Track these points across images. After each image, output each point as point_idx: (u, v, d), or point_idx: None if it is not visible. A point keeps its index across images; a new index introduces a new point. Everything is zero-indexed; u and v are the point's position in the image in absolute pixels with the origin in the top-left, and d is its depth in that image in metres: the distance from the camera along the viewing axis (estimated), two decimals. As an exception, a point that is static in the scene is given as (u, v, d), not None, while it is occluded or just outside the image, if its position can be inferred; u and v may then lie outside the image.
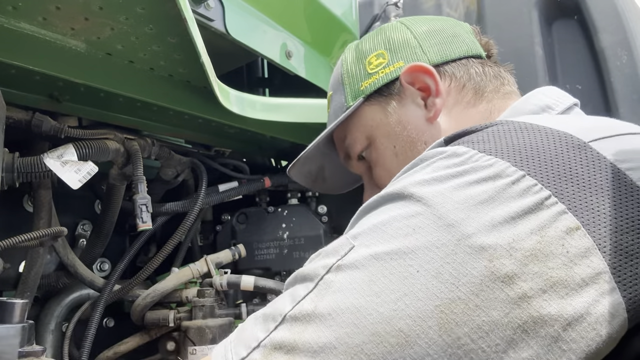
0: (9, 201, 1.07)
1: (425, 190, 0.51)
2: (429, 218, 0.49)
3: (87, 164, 0.93)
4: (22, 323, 0.67)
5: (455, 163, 0.52)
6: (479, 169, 0.50)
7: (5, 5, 0.74)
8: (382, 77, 0.84)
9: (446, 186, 0.50)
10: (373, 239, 0.51)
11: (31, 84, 0.89)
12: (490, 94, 0.81)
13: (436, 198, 0.50)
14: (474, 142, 0.54)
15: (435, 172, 0.52)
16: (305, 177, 1.06)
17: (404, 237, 0.49)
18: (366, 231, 0.53)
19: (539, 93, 0.73)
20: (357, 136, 0.88)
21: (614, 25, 1.33)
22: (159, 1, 0.77)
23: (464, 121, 0.79)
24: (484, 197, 0.49)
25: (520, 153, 0.51)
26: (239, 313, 1.20)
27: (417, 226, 0.49)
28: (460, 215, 0.48)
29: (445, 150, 0.55)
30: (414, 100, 0.82)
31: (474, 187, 0.49)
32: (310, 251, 1.36)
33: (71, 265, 1.08)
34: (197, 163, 1.28)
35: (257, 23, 1.26)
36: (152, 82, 1.00)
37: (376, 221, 0.53)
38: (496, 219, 0.47)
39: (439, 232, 0.48)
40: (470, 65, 0.82)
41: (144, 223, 1.00)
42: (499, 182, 0.49)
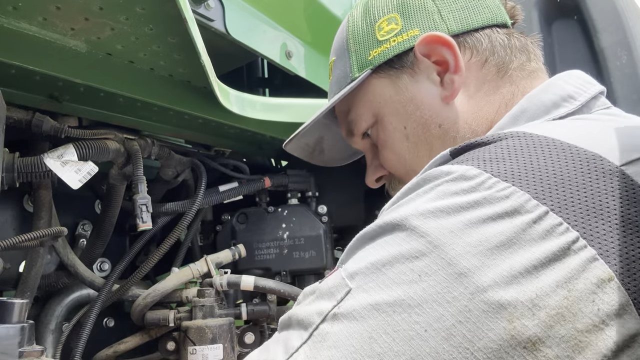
0: (9, 201, 1.07)
1: (431, 224, 0.44)
2: (437, 263, 0.43)
3: (87, 164, 0.93)
4: (22, 323, 0.68)
5: (464, 189, 0.45)
6: (494, 200, 0.44)
7: (5, 5, 0.74)
8: (394, 47, 0.73)
9: (455, 221, 0.44)
10: (372, 283, 0.45)
11: (31, 84, 0.89)
12: (515, 72, 0.70)
13: (444, 237, 0.43)
14: (486, 160, 0.47)
15: (442, 200, 0.46)
16: (302, 150, 0.97)
17: (409, 284, 0.43)
18: (364, 271, 0.47)
19: (560, 80, 0.63)
20: (362, 112, 0.79)
21: (614, 25, 1.33)
22: (159, 1, 0.77)
23: (485, 106, 0.69)
24: (501, 239, 0.42)
25: (542, 181, 0.44)
26: (239, 313, 1.20)
27: (423, 272, 0.43)
28: (473, 262, 0.41)
29: (452, 170, 0.48)
30: (429, 75, 0.71)
31: (489, 225, 0.42)
32: (310, 251, 1.37)
33: (71, 265, 1.08)
34: (197, 163, 1.28)
35: (257, 23, 1.26)
36: (152, 82, 1.00)
37: (375, 258, 0.47)
38: (516, 268, 0.40)
39: (450, 282, 0.41)
40: (495, 37, 0.71)
41: (144, 223, 1.00)
42: (518, 220, 0.42)
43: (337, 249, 1.51)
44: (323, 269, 1.38)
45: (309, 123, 0.84)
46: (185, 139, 1.33)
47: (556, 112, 0.60)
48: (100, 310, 1.12)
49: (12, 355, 0.65)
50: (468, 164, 0.48)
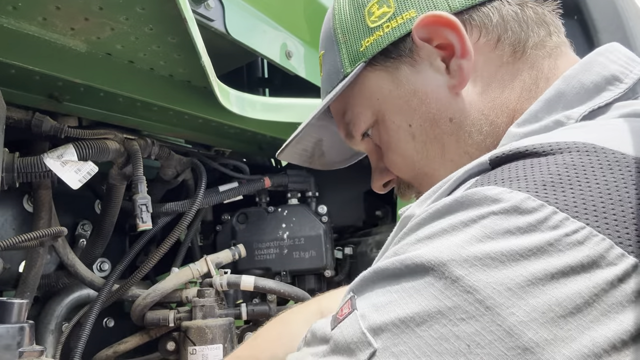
0: (9, 201, 1.07)
1: (480, 276, 0.34)
2: (492, 331, 0.33)
3: (87, 164, 0.93)
4: (22, 323, 0.68)
5: (521, 228, 0.35)
6: (565, 248, 0.33)
7: (5, 5, 0.74)
8: (388, 34, 0.62)
9: (513, 275, 0.33)
10: (405, 347, 0.35)
11: (31, 84, 0.89)
12: (534, 50, 0.59)
13: (499, 296, 0.33)
14: (547, 185, 0.36)
15: (491, 242, 0.35)
16: (300, 156, 0.86)
17: (454, 356, 0.33)
18: (392, 328, 0.37)
19: (601, 56, 0.52)
20: (359, 111, 0.68)
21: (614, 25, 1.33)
22: (159, 1, 0.77)
23: (503, 93, 0.59)
24: (578, 303, 0.32)
25: (624, 218, 0.33)
26: (239, 313, 1.20)
27: (473, 341, 0.33)
28: (542, 334, 0.31)
29: (501, 197, 0.37)
30: (432, 63, 0.60)
31: (560, 283, 0.32)
32: (310, 251, 1.37)
33: (71, 265, 1.08)
34: (197, 163, 1.28)
35: (257, 23, 1.26)
36: (152, 82, 1.00)
37: (405, 313, 0.37)
38: (600, 344, 0.31)
39: (509, 357, 0.32)
40: (506, 9, 0.59)
41: (144, 223, 1.00)
42: (600, 277, 0.32)
43: (337, 249, 1.51)
44: (323, 268, 1.38)
45: (300, 130, 0.75)
46: (185, 139, 1.34)
47: (598, 98, 0.49)
48: (100, 311, 1.12)
49: (12, 356, 0.65)
50: (522, 187, 0.37)
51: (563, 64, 0.58)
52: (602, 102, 0.48)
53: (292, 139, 0.77)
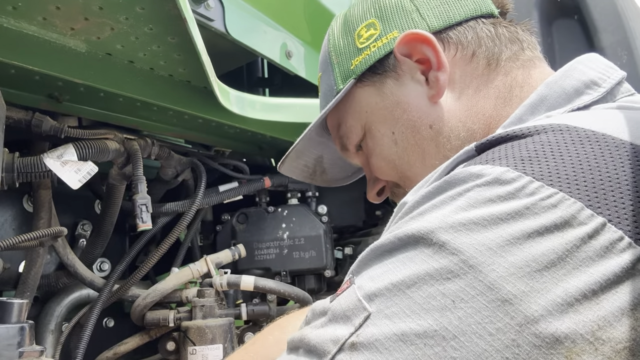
0: (9, 201, 1.07)
1: (464, 239, 0.38)
2: (475, 286, 0.36)
3: (87, 164, 0.93)
4: (21, 323, 0.67)
5: (501, 196, 0.39)
6: (539, 210, 0.37)
7: (5, 5, 0.74)
8: (375, 52, 0.69)
9: (494, 236, 0.37)
10: (396, 308, 0.39)
11: (31, 84, 0.89)
12: (508, 62, 0.65)
13: (481, 255, 0.37)
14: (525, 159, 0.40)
15: (475, 209, 0.39)
16: (302, 172, 0.91)
17: (441, 312, 0.37)
18: (385, 292, 0.40)
19: (580, 64, 0.57)
20: (351, 124, 0.75)
21: (614, 25, 1.33)
22: (159, 1, 0.77)
23: (479, 102, 0.65)
24: (552, 258, 0.35)
25: (594, 185, 0.37)
26: (239, 313, 1.20)
27: (457, 297, 0.37)
28: (520, 287, 0.35)
29: (484, 172, 0.41)
30: (412, 76, 0.67)
31: (536, 241, 0.36)
32: (310, 251, 1.37)
33: (71, 265, 1.08)
34: (197, 163, 1.28)
35: (257, 23, 1.26)
36: (152, 82, 1.00)
37: (397, 278, 0.40)
38: (572, 294, 0.34)
39: (492, 310, 0.35)
40: (480, 28, 0.66)
41: (143, 223, 1.00)
42: (570, 235, 0.36)
43: (337, 249, 1.51)
44: (323, 268, 1.38)
45: (299, 141, 0.80)
46: (185, 139, 1.34)
47: (579, 100, 0.53)
48: (100, 311, 1.12)
49: (12, 356, 0.65)
50: (502, 163, 0.41)
51: (537, 74, 0.64)
52: (581, 103, 0.53)
53: (290, 151, 0.83)
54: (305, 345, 0.45)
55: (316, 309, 0.48)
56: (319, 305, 0.48)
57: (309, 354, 0.44)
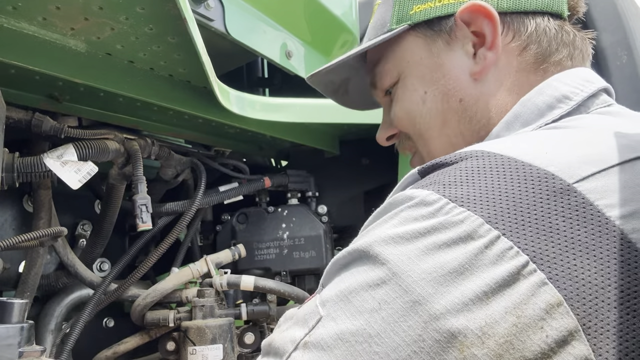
0: (9, 201, 1.07)
1: (391, 251, 0.45)
2: (395, 290, 0.43)
3: (87, 164, 0.93)
4: (22, 323, 0.68)
5: (423, 215, 0.46)
6: (449, 226, 0.43)
7: (5, 5, 0.74)
8: (438, 8, 0.69)
9: (413, 248, 0.44)
10: (339, 311, 0.46)
11: (31, 84, 0.89)
12: (551, 66, 0.66)
13: (402, 264, 0.43)
14: (446, 184, 0.47)
15: (403, 226, 0.46)
16: (326, 86, 0.92)
17: (370, 313, 0.43)
18: (333, 299, 0.47)
19: (555, 80, 0.61)
20: (389, 68, 0.76)
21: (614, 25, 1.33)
22: (159, 1, 0.77)
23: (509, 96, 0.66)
24: (454, 265, 0.42)
25: (494, 204, 0.43)
26: (239, 313, 1.20)
27: (382, 300, 0.43)
28: (427, 289, 0.41)
29: (414, 195, 0.48)
30: (463, 45, 0.68)
31: (443, 251, 0.42)
32: (310, 251, 1.37)
33: (71, 265, 1.08)
34: (197, 163, 1.28)
35: (257, 23, 1.26)
36: (152, 82, 1.00)
37: (343, 286, 0.47)
38: (467, 295, 0.40)
39: (406, 310, 0.42)
40: (544, 25, 0.66)
41: (144, 223, 1.00)
42: (471, 246, 0.42)
43: (337, 249, 1.51)
44: (323, 268, 1.38)
45: (336, 62, 0.81)
46: (185, 139, 1.33)
47: (550, 114, 0.58)
48: (97, 310, 1.12)
49: (12, 356, 0.65)
50: (429, 188, 0.48)
51: None
52: (552, 118, 0.58)
53: (324, 68, 0.83)
54: (272, 348, 0.51)
55: (287, 315, 0.55)
56: (289, 312, 0.55)
57: (272, 355, 0.50)
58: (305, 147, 1.45)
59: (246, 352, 1.21)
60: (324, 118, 1.32)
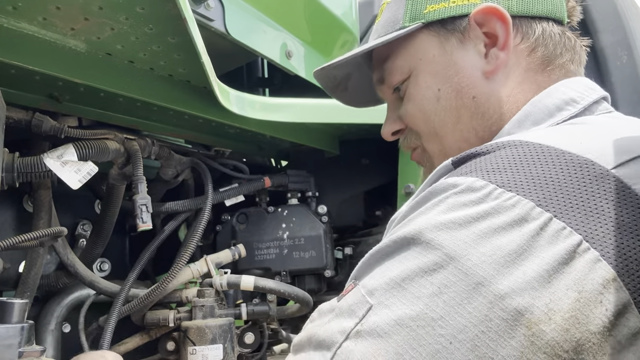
0: (9, 201, 1.07)
1: (445, 236, 0.46)
2: (455, 274, 0.44)
3: (87, 164, 0.93)
4: (22, 323, 0.67)
5: (472, 201, 0.47)
6: (502, 210, 0.45)
7: (5, 5, 0.74)
8: (452, 8, 0.72)
9: (468, 233, 0.45)
10: (394, 299, 0.46)
11: (31, 84, 0.89)
12: (556, 69, 0.71)
13: (459, 248, 0.45)
14: (490, 171, 0.49)
15: (452, 212, 0.47)
16: (327, 82, 0.93)
17: (430, 297, 0.44)
18: (384, 287, 0.47)
19: (563, 86, 0.66)
20: (400, 64, 0.77)
21: (614, 25, 1.33)
22: (159, 1, 0.77)
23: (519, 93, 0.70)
24: (512, 247, 0.43)
25: (542, 188, 0.46)
26: (239, 313, 1.20)
27: (442, 284, 0.44)
28: (489, 271, 0.43)
29: (459, 182, 0.49)
30: (476, 45, 0.71)
31: (500, 235, 0.44)
32: (310, 251, 1.37)
33: (71, 265, 1.08)
34: (198, 162, 1.28)
35: (257, 23, 1.26)
36: (152, 82, 1.00)
37: (393, 274, 0.47)
38: (529, 274, 0.42)
39: (469, 292, 0.43)
40: (550, 29, 0.70)
41: (144, 223, 1.00)
42: (526, 228, 0.44)
43: (337, 249, 1.51)
44: (323, 268, 1.38)
45: (345, 57, 0.82)
46: (185, 139, 1.33)
47: (559, 115, 0.63)
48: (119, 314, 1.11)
49: (12, 356, 0.65)
50: (473, 175, 0.50)
51: None
52: (561, 118, 0.62)
53: (335, 62, 0.84)
54: (314, 341, 0.50)
55: (323, 309, 0.54)
56: (325, 305, 0.54)
57: (318, 348, 0.49)
58: (305, 147, 1.45)
59: (246, 352, 1.21)
60: (324, 118, 1.31)
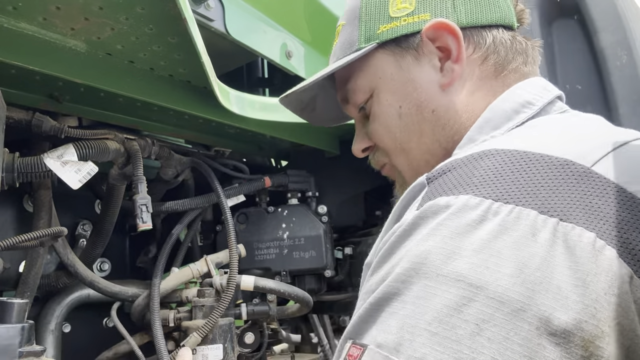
0: (9, 201, 1.07)
1: (461, 265, 0.41)
2: (489, 305, 0.39)
3: (87, 164, 0.93)
4: (22, 323, 0.68)
5: (474, 220, 0.43)
6: (509, 225, 0.42)
7: (5, 5, 0.74)
8: (404, 27, 0.73)
9: (485, 256, 0.41)
10: (427, 348, 0.39)
11: (31, 84, 0.89)
12: (510, 73, 0.72)
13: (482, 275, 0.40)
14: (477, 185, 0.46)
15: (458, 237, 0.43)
16: (295, 105, 0.94)
17: (471, 338, 0.39)
18: (408, 338, 0.41)
19: (519, 89, 0.68)
20: (361, 84, 0.79)
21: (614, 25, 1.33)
22: (159, 1, 0.77)
23: (477, 102, 0.71)
24: (536, 262, 0.40)
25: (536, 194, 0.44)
26: (239, 313, 1.20)
27: (478, 319, 0.39)
28: (523, 293, 0.39)
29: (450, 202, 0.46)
30: (430, 60, 0.72)
31: (518, 251, 0.41)
32: (310, 251, 1.37)
33: (71, 265, 1.08)
34: (198, 162, 1.28)
35: (257, 23, 1.26)
36: (152, 82, 1.00)
37: (414, 320, 0.41)
38: (566, 287, 0.39)
39: (511, 322, 0.38)
40: (500, 37, 0.72)
41: (144, 223, 1.00)
42: (541, 239, 0.41)
43: (337, 249, 1.51)
44: (323, 268, 1.38)
45: (308, 83, 0.83)
46: (185, 139, 1.34)
47: (517, 118, 0.64)
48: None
49: (12, 355, 0.65)
50: (462, 192, 0.46)
51: None
52: (519, 121, 0.64)
53: (299, 88, 0.84)
54: None
55: None
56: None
57: None
58: (305, 147, 1.45)
59: (246, 352, 1.21)
60: (324, 118, 1.31)
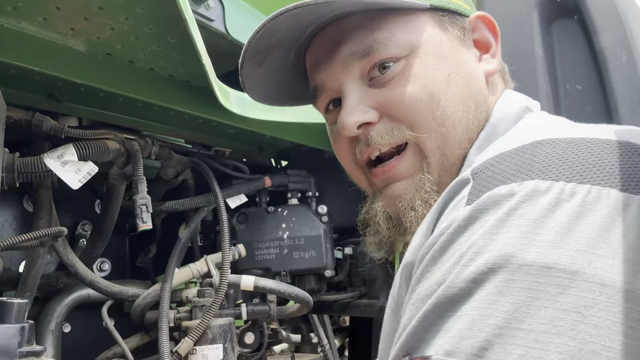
0: (9, 201, 1.07)
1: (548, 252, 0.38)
2: (589, 289, 0.36)
3: (87, 164, 0.93)
4: (22, 323, 0.68)
5: (549, 203, 0.40)
6: (592, 206, 0.39)
7: (5, 5, 0.74)
8: (457, 4, 0.71)
9: (575, 239, 0.38)
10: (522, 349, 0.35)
11: (31, 84, 0.89)
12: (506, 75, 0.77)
13: (577, 260, 0.37)
14: (541, 170, 0.43)
15: (538, 224, 0.39)
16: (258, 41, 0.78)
17: (573, 328, 0.35)
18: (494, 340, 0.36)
19: (514, 95, 0.71)
20: (400, 38, 0.67)
21: (614, 25, 1.33)
22: (159, 1, 0.77)
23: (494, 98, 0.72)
24: (631, 239, 0.37)
25: (610, 173, 0.41)
26: (239, 313, 1.20)
27: (581, 306, 0.35)
28: (625, 273, 0.36)
29: (514, 190, 0.42)
30: (471, 47, 0.72)
31: (610, 231, 0.38)
32: (310, 251, 1.37)
33: (71, 265, 1.08)
34: (198, 162, 1.28)
35: (257, 23, 1.26)
36: (152, 82, 1.00)
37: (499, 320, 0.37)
38: None
39: (619, 305, 0.35)
40: None
41: (144, 223, 1.00)
42: (628, 216, 0.38)
43: (337, 249, 1.51)
44: (323, 268, 1.38)
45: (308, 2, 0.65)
46: (185, 139, 1.34)
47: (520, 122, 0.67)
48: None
49: (12, 355, 0.65)
50: (526, 178, 0.42)
51: None
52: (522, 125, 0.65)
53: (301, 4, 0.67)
54: None
55: None
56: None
57: None
58: (305, 147, 1.45)
59: (246, 352, 1.21)
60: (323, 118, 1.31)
